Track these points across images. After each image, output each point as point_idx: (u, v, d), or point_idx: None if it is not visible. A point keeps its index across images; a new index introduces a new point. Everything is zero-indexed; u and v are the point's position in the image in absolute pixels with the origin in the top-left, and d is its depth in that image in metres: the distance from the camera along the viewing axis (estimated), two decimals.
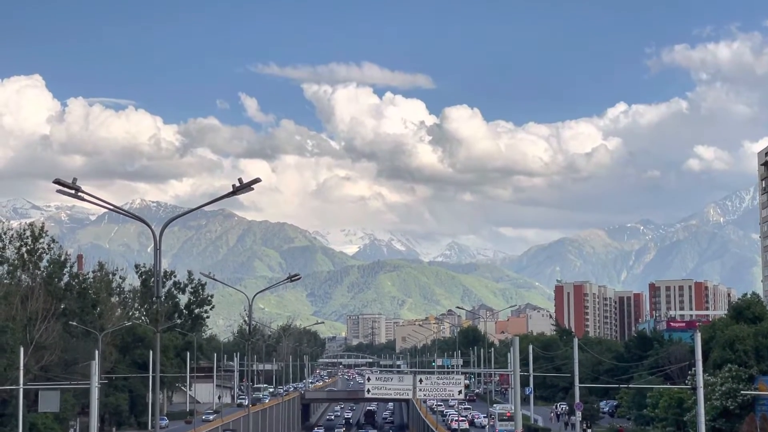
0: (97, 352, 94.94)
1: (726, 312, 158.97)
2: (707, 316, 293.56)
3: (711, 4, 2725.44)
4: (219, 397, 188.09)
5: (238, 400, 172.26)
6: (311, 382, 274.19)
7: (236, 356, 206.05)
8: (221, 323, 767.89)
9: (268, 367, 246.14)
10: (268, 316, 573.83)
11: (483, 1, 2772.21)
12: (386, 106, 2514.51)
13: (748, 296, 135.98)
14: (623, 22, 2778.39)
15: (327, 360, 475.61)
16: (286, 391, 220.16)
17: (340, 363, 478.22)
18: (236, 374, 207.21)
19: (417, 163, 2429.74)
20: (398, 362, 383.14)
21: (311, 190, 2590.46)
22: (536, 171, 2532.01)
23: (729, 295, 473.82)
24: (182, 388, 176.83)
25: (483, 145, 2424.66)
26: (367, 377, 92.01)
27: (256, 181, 40.37)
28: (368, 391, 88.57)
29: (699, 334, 74.64)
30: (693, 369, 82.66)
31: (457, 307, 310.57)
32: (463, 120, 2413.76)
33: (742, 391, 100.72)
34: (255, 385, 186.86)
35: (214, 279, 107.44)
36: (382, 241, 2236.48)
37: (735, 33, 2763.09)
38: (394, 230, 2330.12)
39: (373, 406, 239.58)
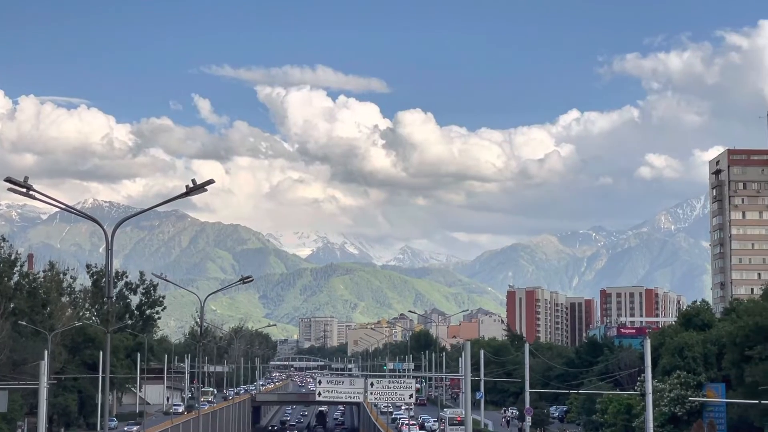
0: (46, 352, 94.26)
1: (676, 319, 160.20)
2: (657, 323, 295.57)
3: (662, 13, 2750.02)
4: (168, 399, 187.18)
5: (172, 406, 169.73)
6: (262, 385, 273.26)
7: (187, 358, 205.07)
8: (173, 324, 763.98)
9: (219, 369, 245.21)
10: (219, 317, 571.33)
11: (438, 6, 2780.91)
12: (340, 109, 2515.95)
13: (698, 304, 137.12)
14: (576, 30, 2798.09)
15: (278, 363, 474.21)
16: (236, 393, 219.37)
17: (292, 366, 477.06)
18: (187, 376, 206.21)
19: (370, 167, 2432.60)
20: (350, 365, 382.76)
21: (265, 192, 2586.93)
22: (489, 176, 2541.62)
23: (679, 302, 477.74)
24: (132, 389, 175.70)
25: (436, 149, 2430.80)
26: (318, 380, 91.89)
27: (210, 182, 40.27)
28: (319, 394, 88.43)
29: (648, 341, 75.29)
30: (642, 375, 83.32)
31: (410, 311, 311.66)
32: (417, 124, 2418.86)
33: (690, 398, 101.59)
34: (203, 389, 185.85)
35: (166, 280, 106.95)
36: (336, 244, 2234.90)
37: (686, 43, 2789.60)
38: (347, 233, 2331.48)
39: (324, 408, 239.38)
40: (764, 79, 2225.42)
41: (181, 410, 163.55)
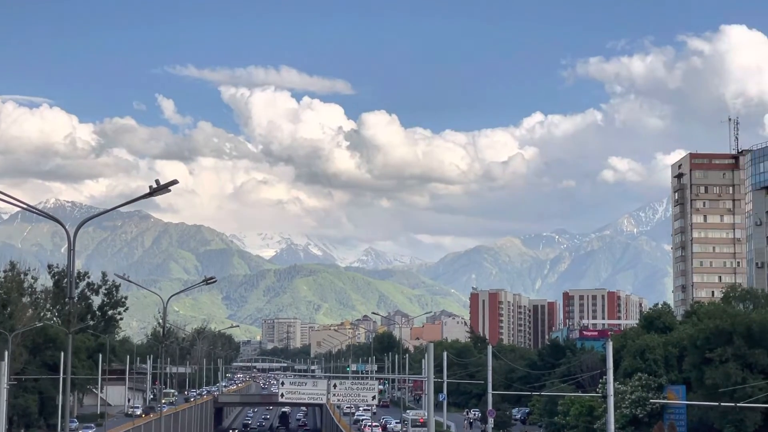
0: (6, 352, 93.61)
1: (637, 322, 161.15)
2: (619, 325, 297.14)
3: (625, 18, 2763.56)
4: (129, 400, 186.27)
5: (129, 408, 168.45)
6: (225, 386, 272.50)
7: (149, 359, 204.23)
8: (135, 325, 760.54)
9: (181, 370, 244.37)
10: (182, 318, 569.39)
11: (402, 8, 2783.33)
12: (304, 110, 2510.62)
13: (659, 306, 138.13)
14: (539, 33, 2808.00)
15: (241, 364, 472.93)
16: (199, 394, 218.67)
17: (255, 367, 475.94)
18: (149, 377, 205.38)
19: (334, 169, 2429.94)
20: (313, 367, 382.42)
21: (228, 193, 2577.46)
22: (453, 179, 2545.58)
23: (641, 305, 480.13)
24: (94, 390, 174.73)
25: (400, 151, 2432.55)
26: (281, 382, 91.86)
27: (173, 182, 40.19)
28: (282, 395, 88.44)
29: (611, 343, 75.68)
30: (604, 377, 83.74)
31: (373, 313, 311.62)
32: (381, 126, 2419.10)
33: (651, 400, 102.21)
34: (165, 390, 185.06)
35: (128, 280, 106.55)
36: (299, 246, 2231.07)
37: (648, 47, 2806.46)
38: (311, 235, 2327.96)
39: (287, 409, 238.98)
40: (726, 84, 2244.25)
41: (139, 412, 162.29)
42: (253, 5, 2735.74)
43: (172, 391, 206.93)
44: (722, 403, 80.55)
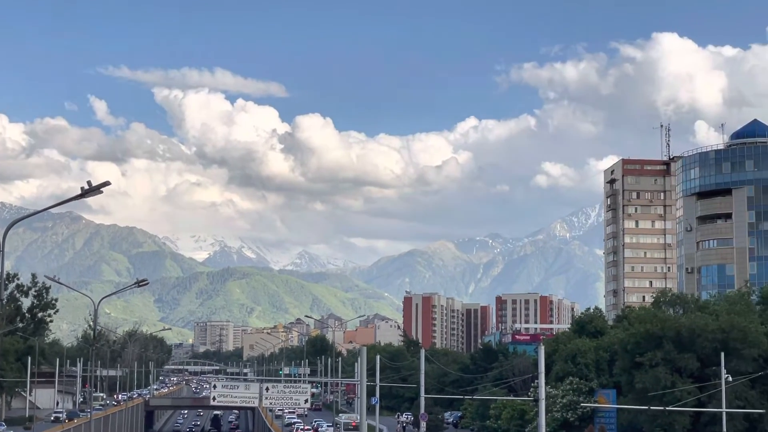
0: None
1: (569, 326, 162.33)
2: (551, 329, 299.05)
3: (559, 24, 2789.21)
4: (57, 403, 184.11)
5: (53, 413, 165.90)
6: (156, 389, 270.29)
7: (80, 362, 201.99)
8: (65, 328, 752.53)
9: (112, 373, 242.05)
10: (114, 321, 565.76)
11: (337, 11, 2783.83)
12: (238, 112, 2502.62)
13: (591, 311, 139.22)
14: (474, 38, 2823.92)
15: (173, 367, 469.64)
16: (129, 397, 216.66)
17: (187, 370, 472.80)
18: (79, 380, 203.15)
19: (268, 171, 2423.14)
20: (245, 370, 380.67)
21: (161, 195, 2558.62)
22: (387, 182, 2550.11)
23: (573, 309, 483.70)
24: (22, 393, 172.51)
25: (335, 154, 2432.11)
26: (213, 385, 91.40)
27: (106, 184, 39.80)
28: (214, 398, 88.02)
29: (542, 348, 76.05)
30: (536, 381, 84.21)
31: (306, 316, 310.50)
32: (315, 129, 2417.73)
33: (582, 404, 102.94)
34: (94, 393, 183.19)
35: (59, 282, 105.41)
36: (233, 248, 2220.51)
37: (582, 53, 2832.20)
38: (244, 237, 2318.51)
39: (219, 413, 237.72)
40: (657, 90, 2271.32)
41: (62, 417, 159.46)
42: (187, 7, 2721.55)
43: (101, 394, 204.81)
44: (652, 407, 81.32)
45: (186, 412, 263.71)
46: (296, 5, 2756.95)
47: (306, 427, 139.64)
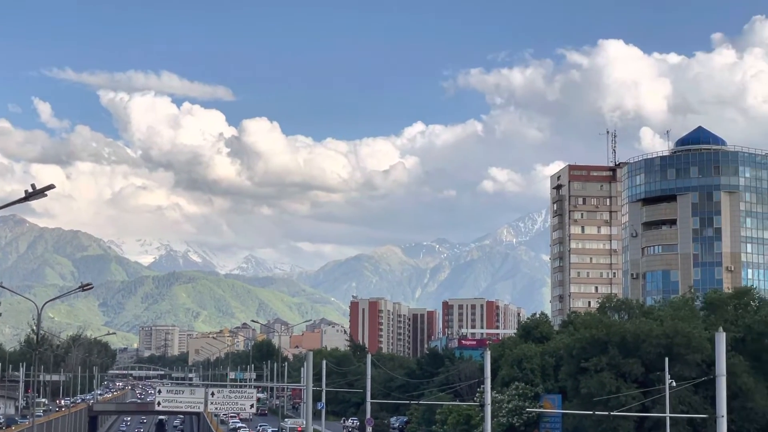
0: None
1: (515, 331, 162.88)
2: (497, 334, 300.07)
3: (506, 30, 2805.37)
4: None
5: None
6: (101, 394, 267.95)
7: (22, 366, 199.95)
8: (8, 332, 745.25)
9: (55, 377, 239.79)
10: (57, 325, 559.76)
11: (284, 16, 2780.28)
12: (184, 116, 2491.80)
13: (537, 316, 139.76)
14: (421, 44, 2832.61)
15: (118, 371, 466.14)
16: (72, 402, 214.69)
17: (131, 375, 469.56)
18: (21, 385, 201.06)
19: (215, 175, 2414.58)
20: (191, 375, 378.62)
21: (107, 198, 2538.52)
22: (334, 187, 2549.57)
23: (519, 314, 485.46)
24: None
25: (282, 159, 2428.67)
26: (158, 390, 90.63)
27: (50, 187, 39.31)
28: (159, 403, 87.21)
29: (488, 353, 76.20)
30: (482, 386, 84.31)
31: (252, 321, 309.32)
32: (262, 133, 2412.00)
33: (527, 409, 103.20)
34: (37, 398, 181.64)
35: (1, 286, 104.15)
36: (179, 252, 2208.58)
37: (528, 59, 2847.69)
38: (190, 241, 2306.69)
39: (164, 417, 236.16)
40: (603, 97, 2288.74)
41: (2, 422, 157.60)
42: (133, 9, 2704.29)
43: (44, 400, 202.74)
44: (597, 412, 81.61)
45: (129, 418, 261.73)
46: (243, 9, 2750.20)
47: None
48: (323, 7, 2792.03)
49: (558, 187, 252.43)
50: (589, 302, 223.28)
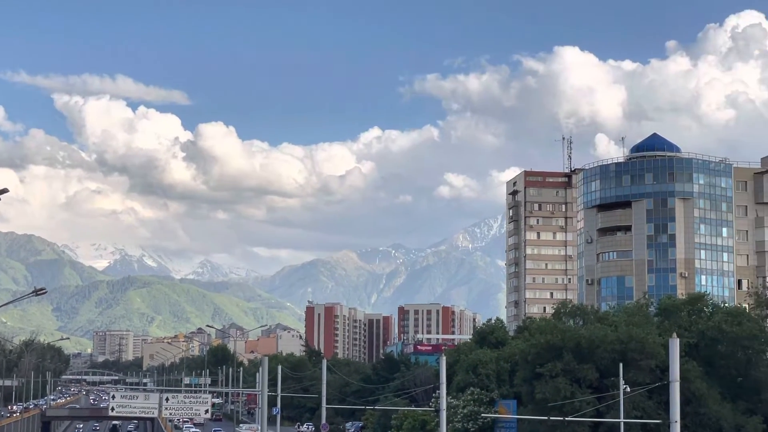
0: None
1: (471, 336, 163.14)
2: (453, 340, 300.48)
3: (462, 36, 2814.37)
4: None
5: None
6: (54, 399, 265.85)
7: None
8: None
9: (7, 383, 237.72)
10: (10, 330, 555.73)
11: (240, 19, 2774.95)
12: (140, 120, 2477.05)
13: (492, 322, 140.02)
14: (378, 49, 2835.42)
15: (71, 377, 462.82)
16: (25, 407, 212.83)
17: (85, 380, 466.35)
18: None
19: (170, 180, 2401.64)
20: (145, 380, 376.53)
21: (61, 202, 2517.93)
22: (290, 192, 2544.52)
23: (474, 320, 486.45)
24: None
25: (237, 163, 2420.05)
26: (111, 395, 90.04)
27: (3, 191, 38.98)
28: (112, 409, 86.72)
29: (444, 358, 76.29)
30: (437, 392, 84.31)
31: (207, 326, 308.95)
32: (218, 137, 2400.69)
33: (483, 414, 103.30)
34: None
35: None
36: (133, 257, 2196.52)
37: (485, 65, 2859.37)
38: (146, 246, 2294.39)
39: (118, 423, 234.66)
40: (559, 103, 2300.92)
41: None
42: (88, 12, 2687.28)
43: None
44: (551, 417, 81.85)
45: (82, 424, 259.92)
46: (199, 12, 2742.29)
47: None
48: (280, 13, 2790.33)
49: (514, 193, 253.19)
50: (545, 308, 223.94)
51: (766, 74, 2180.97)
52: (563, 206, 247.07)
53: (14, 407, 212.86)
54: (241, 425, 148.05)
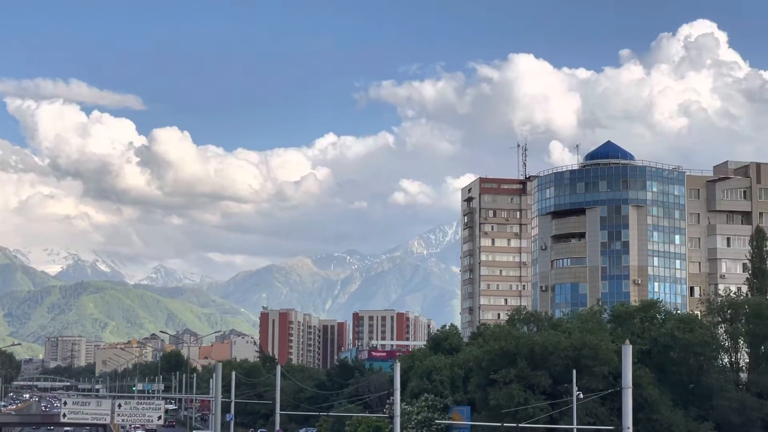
0: None
1: (425, 343, 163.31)
2: (407, 346, 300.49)
3: (417, 43, 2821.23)
4: None
5: None
6: (4, 405, 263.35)
7: None
8: None
9: None
10: None
11: (194, 25, 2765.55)
12: (94, 124, 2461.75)
13: (447, 328, 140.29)
14: (333, 55, 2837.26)
15: (23, 383, 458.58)
16: None
17: (36, 386, 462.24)
18: None
19: (124, 185, 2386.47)
20: (97, 386, 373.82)
21: (13, 207, 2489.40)
22: (245, 197, 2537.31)
23: (429, 326, 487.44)
24: None
25: (192, 168, 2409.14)
26: (63, 401, 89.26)
27: None
28: (64, 415, 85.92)
29: (398, 364, 76.27)
30: (391, 398, 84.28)
31: (161, 332, 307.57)
32: (173, 142, 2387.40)
33: (436, 420, 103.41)
34: None
35: None
36: (87, 262, 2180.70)
37: (440, 72, 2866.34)
38: (99, 251, 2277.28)
39: (70, 429, 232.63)
40: (514, 110, 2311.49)
41: None
42: (42, 15, 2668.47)
43: None
44: (505, 424, 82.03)
45: (32, 429, 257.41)
46: (154, 17, 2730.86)
47: None
48: (235, 17, 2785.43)
49: (468, 200, 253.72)
50: (499, 314, 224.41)
51: (719, 83, 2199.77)
52: (518, 213, 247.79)
53: None
54: (194, 431, 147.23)
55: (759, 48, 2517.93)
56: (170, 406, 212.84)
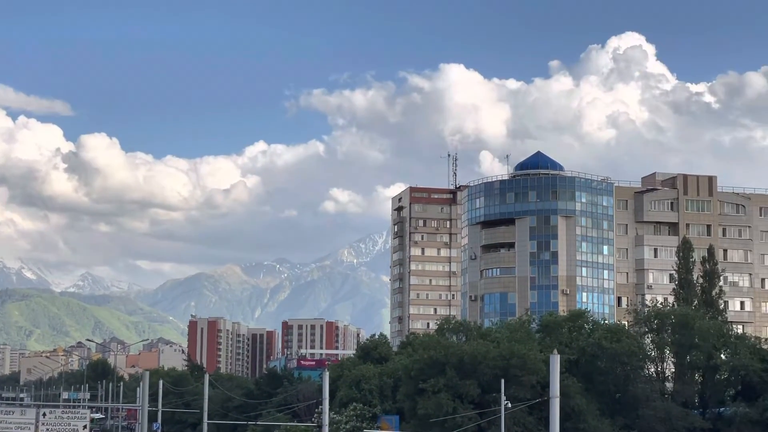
0: None
1: (354, 352, 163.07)
2: (337, 355, 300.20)
3: (348, 51, 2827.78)
4: None
5: None
6: None
7: None
8: None
9: None
10: None
11: (125, 29, 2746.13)
12: (20, 129, 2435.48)
13: (376, 337, 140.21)
14: (264, 63, 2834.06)
15: None
16: None
17: None
18: None
19: (51, 191, 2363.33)
20: (22, 395, 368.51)
21: None
22: (174, 205, 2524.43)
23: (358, 335, 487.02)
24: None
25: (121, 175, 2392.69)
26: None
27: None
28: None
29: (327, 373, 76.08)
30: (320, 407, 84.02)
31: (88, 340, 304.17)
32: (101, 149, 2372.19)
33: (365, 429, 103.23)
34: None
35: None
36: (12, 269, 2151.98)
37: (370, 81, 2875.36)
38: (25, 258, 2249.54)
39: None
40: (444, 120, 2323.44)
41: None
42: None
43: None
44: None
45: None
46: (83, 22, 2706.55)
47: None
48: (165, 23, 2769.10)
49: (399, 209, 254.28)
50: (428, 324, 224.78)
51: (647, 95, 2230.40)
52: (448, 222, 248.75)
53: None
54: None
55: (686, 61, 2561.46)
56: (97, 416, 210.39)
